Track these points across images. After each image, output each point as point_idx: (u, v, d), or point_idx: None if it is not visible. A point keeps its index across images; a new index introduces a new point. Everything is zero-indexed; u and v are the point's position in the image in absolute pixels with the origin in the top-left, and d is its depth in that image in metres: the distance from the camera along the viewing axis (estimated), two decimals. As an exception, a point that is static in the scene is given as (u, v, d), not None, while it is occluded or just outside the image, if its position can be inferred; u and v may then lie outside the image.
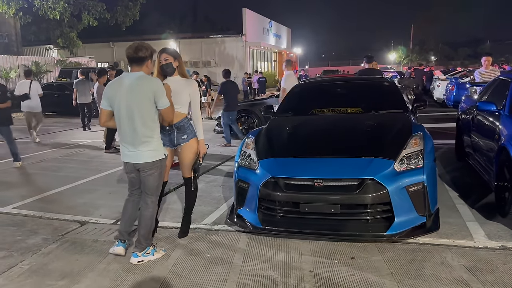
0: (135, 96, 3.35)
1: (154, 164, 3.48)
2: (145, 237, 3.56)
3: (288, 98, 5.85)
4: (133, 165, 3.52)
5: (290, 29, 47.18)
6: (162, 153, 3.53)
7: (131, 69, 3.46)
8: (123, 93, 3.37)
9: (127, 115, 3.38)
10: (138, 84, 3.35)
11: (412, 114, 5.10)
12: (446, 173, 6.18)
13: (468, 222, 4.20)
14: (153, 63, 3.70)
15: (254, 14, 34.42)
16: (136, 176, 3.61)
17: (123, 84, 3.40)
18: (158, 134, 3.51)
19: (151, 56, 3.49)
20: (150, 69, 3.57)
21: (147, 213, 3.58)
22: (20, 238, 4.17)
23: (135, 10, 25.97)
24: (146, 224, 3.56)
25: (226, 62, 31.58)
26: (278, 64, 40.90)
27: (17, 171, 7.29)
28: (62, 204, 5.31)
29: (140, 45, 3.46)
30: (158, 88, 3.37)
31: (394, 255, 3.52)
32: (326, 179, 3.71)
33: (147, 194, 3.60)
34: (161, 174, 3.60)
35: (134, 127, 3.39)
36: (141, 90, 3.34)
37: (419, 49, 57.52)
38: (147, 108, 3.36)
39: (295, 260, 3.50)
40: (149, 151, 3.44)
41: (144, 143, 3.42)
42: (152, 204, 3.61)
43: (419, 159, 3.83)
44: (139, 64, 3.44)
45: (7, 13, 20.23)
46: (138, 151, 3.44)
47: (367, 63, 7.94)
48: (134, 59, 3.44)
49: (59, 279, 3.29)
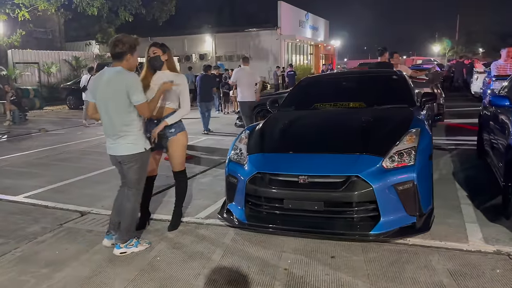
0: (111, 91, 3.41)
1: (132, 157, 3.52)
2: (127, 229, 3.62)
3: (293, 92, 5.75)
4: (114, 157, 3.60)
5: (328, 21, 46.35)
6: (142, 147, 3.56)
7: (112, 64, 3.51)
8: (102, 87, 3.46)
9: (105, 108, 3.47)
10: (114, 79, 3.41)
11: (419, 109, 4.88)
12: (461, 171, 5.88)
13: (468, 223, 3.98)
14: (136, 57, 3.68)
15: (289, 7, 34.06)
16: (120, 169, 3.68)
17: (102, 78, 3.48)
18: (137, 128, 3.53)
19: (131, 50, 3.50)
20: (132, 64, 3.55)
21: (128, 206, 3.63)
22: (21, 226, 4.36)
23: (171, 5, 26.39)
24: (127, 216, 3.61)
25: (261, 56, 31.53)
26: (314, 57, 40.37)
27: (37, 161, 7.63)
28: (71, 194, 5.50)
29: (118, 40, 3.49)
30: (132, 83, 3.39)
31: (377, 256, 3.39)
32: (311, 176, 3.62)
33: (128, 187, 3.65)
34: (141, 167, 3.62)
35: (111, 120, 3.46)
36: (116, 85, 3.40)
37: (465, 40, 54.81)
38: (122, 102, 3.40)
39: (274, 257, 3.44)
40: (127, 144, 3.49)
41: (122, 136, 3.48)
42: (133, 197, 3.65)
43: (412, 156, 3.65)
44: (118, 59, 3.49)
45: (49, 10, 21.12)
46: (116, 143, 3.52)
47: (379, 56, 7.68)
48: (113, 54, 3.50)
49: (43, 267, 3.42)
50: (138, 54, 3.62)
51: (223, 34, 33.14)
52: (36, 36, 26.56)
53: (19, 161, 7.65)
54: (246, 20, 33.28)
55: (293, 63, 31.65)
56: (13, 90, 13.87)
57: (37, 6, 19.23)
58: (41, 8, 19.91)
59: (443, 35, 62.55)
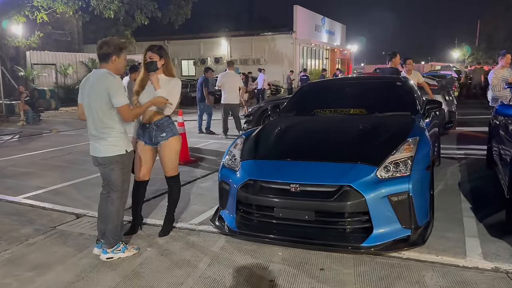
0: (94, 93, 3.43)
1: (112, 158, 3.49)
2: (113, 232, 3.56)
3: (295, 97, 5.65)
4: (96, 158, 3.58)
5: (345, 26, 46.03)
6: (123, 149, 3.53)
7: (99, 66, 3.51)
8: (87, 88, 3.49)
9: (89, 110, 3.49)
10: (97, 81, 3.42)
11: (422, 117, 4.72)
12: (468, 181, 5.68)
13: (468, 237, 3.81)
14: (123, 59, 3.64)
15: (306, 11, 33.93)
16: (102, 170, 3.65)
17: (88, 80, 3.52)
18: (119, 130, 3.50)
19: (116, 52, 3.48)
20: (118, 66, 3.53)
21: (112, 208, 3.59)
22: (15, 228, 4.36)
23: (187, 9, 26.57)
24: (112, 219, 3.57)
25: (276, 60, 31.47)
26: (330, 61, 40.10)
27: (42, 162, 7.69)
28: (70, 196, 5.50)
29: (103, 41, 3.50)
30: (112, 86, 3.37)
31: (368, 269, 3.26)
32: (302, 184, 3.52)
33: (111, 189, 3.62)
34: (123, 170, 3.58)
35: (94, 121, 3.48)
36: (98, 87, 3.40)
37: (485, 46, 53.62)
38: (104, 105, 3.40)
39: (261, 268, 3.35)
40: (107, 146, 3.47)
41: (103, 139, 3.47)
42: (117, 200, 3.60)
43: (408, 167, 3.51)
44: (104, 61, 3.49)
45: (67, 12, 21.47)
46: (98, 144, 3.51)
47: (388, 61, 7.52)
48: (99, 56, 3.52)
49: (28, 270, 3.39)
50: (124, 56, 3.60)
51: (238, 38, 33.22)
52: (55, 38, 26.99)
53: (25, 161, 7.73)
54: (262, 24, 33.32)
55: (308, 68, 31.51)
56: (28, 90, 14.09)
57: (55, 8, 19.58)
58: (59, 10, 20.26)
59: (463, 40, 61.47)
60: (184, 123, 7.48)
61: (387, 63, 7.76)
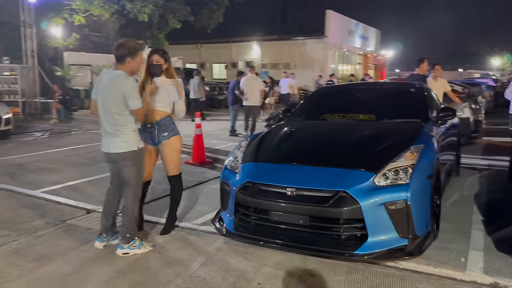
0: (109, 93, 3.53)
1: (125, 155, 3.59)
2: (127, 227, 3.67)
3: (306, 101, 5.63)
4: (108, 155, 3.68)
5: (379, 31, 45.24)
6: (135, 146, 3.64)
7: (115, 67, 3.63)
8: (101, 87, 3.60)
9: (103, 108, 3.60)
10: (112, 82, 3.52)
11: (434, 124, 4.59)
12: (485, 193, 5.46)
13: (472, 250, 3.67)
14: (142, 61, 3.79)
15: (338, 16, 33.61)
16: (113, 167, 3.76)
17: (103, 79, 3.62)
18: (131, 128, 3.61)
19: (131, 54, 3.58)
20: (133, 67, 3.63)
21: (127, 204, 3.70)
22: (27, 220, 4.56)
23: (220, 13, 26.91)
24: (127, 214, 3.68)
25: (306, 64, 31.29)
26: (363, 67, 39.49)
27: (65, 158, 7.98)
28: (85, 192, 5.69)
29: (120, 43, 3.60)
30: (127, 90, 3.48)
31: (360, 278, 3.20)
32: (299, 188, 3.50)
33: (125, 185, 3.73)
34: (136, 166, 3.68)
35: (107, 119, 3.58)
36: (113, 89, 3.51)
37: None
38: (117, 105, 3.51)
39: (252, 270, 3.35)
40: (120, 142, 3.58)
41: (117, 136, 3.58)
42: (131, 195, 3.71)
43: (408, 175, 3.43)
44: (120, 62, 3.60)
45: (104, 15, 22.23)
46: (110, 141, 3.61)
47: (416, 67, 7.34)
48: (115, 57, 3.61)
49: (30, 261, 3.53)
50: (141, 57, 3.69)
51: (270, 42, 33.28)
52: (93, 40, 27.97)
53: (49, 157, 8.05)
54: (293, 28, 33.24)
55: (339, 73, 31.15)
56: (63, 90, 14.66)
57: (92, 11, 20.32)
58: (96, 13, 21.01)
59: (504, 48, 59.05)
60: (201, 125, 7.58)
61: (415, 69, 7.58)
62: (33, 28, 15.23)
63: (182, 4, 24.27)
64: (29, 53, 15.15)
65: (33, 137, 10.97)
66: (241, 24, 33.30)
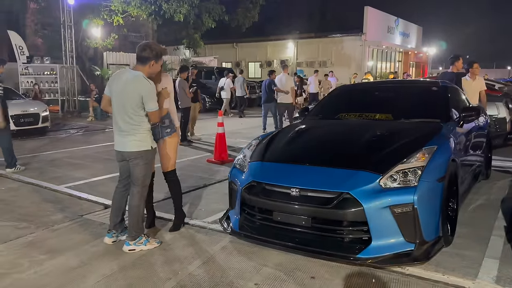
0: (126, 93, 3.59)
1: (138, 154, 3.66)
2: (133, 225, 3.74)
3: (324, 101, 5.52)
4: (121, 153, 3.75)
5: (421, 27, 43.75)
6: (149, 145, 3.70)
7: (135, 67, 3.69)
8: (119, 86, 3.65)
9: (118, 107, 3.66)
10: (131, 83, 3.57)
11: (455, 125, 4.38)
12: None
13: (488, 258, 3.47)
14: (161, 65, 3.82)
15: (377, 12, 32.78)
16: (124, 165, 3.84)
17: (121, 78, 3.66)
18: (145, 127, 3.68)
19: (156, 57, 3.65)
20: (154, 70, 3.69)
21: (133, 203, 3.77)
22: (48, 214, 4.74)
23: (255, 12, 26.96)
24: (133, 213, 3.75)
25: (343, 62, 30.77)
26: (403, 64, 38.34)
27: (95, 155, 8.25)
28: (105, 188, 5.84)
29: (147, 45, 3.66)
30: (146, 93, 3.54)
31: (361, 282, 3.10)
32: (303, 189, 3.44)
33: (133, 183, 3.79)
34: (147, 165, 3.75)
35: (123, 117, 3.64)
36: (131, 90, 3.56)
37: None
38: (135, 105, 3.57)
39: (252, 271, 3.32)
40: (135, 141, 3.64)
41: (132, 135, 3.64)
42: (138, 194, 3.77)
43: (417, 177, 3.28)
44: (142, 63, 3.65)
45: (141, 16, 22.81)
46: (125, 140, 3.68)
47: (450, 65, 7.05)
48: (138, 57, 3.67)
49: (42, 253, 3.67)
50: (161, 62, 3.76)
51: (305, 40, 32.97)
52: (131, 40, 28.81)
53: (80, 154, 8.35)
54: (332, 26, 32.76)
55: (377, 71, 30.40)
56: (97, 89, 15.19)
57: (130, 12, 20.90)
58: (134, 14, 21.56)
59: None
60: (223, 123, 7.62)
61: (449, 67, 7.28)
62: (72, 29, 15.83)
63: (217, 3, 24.47)
64: (68, 53, 15.78)
65: (68, 133, 11.43)
66: (277, 22, 33.19)
